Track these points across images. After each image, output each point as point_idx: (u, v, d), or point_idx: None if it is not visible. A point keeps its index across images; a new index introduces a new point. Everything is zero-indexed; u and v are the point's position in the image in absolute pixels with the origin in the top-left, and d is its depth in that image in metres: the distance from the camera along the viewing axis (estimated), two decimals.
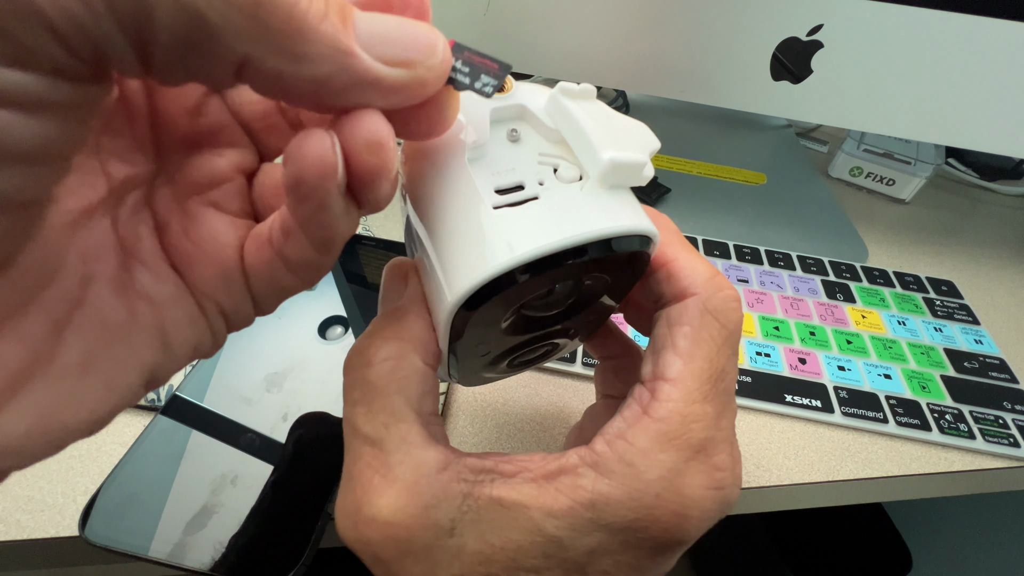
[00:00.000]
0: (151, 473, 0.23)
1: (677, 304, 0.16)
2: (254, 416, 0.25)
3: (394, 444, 0.14)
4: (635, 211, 0.14)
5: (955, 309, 0.37)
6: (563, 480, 0.14)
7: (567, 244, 0.12)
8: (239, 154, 0.15)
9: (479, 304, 0.13)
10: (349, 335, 0.29)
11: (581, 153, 0.14)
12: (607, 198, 0.13)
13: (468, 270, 0.13)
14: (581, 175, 0.14)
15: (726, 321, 0.15)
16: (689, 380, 0.14)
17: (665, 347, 0.15)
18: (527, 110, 0.15)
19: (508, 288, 0.13)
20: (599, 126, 0.14)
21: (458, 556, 0.14)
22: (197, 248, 0.14)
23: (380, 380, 0.15)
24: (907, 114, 0.35)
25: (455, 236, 0.13)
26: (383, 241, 0.36)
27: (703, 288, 0.15)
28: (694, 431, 0.14)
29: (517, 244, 0.12)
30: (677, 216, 0.43)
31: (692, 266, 0.16)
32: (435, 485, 0.14)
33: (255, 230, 0.14)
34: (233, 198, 0.15)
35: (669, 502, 0.14)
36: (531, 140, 0.14)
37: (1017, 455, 0.28)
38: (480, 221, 0.13)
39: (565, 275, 0.13)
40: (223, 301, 0.14)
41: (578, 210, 0.13)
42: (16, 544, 0.22)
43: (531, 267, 0.12)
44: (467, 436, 0.27)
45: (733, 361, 0.15)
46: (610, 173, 0.13)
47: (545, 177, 0.14)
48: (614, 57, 0.37)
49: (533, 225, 0.13)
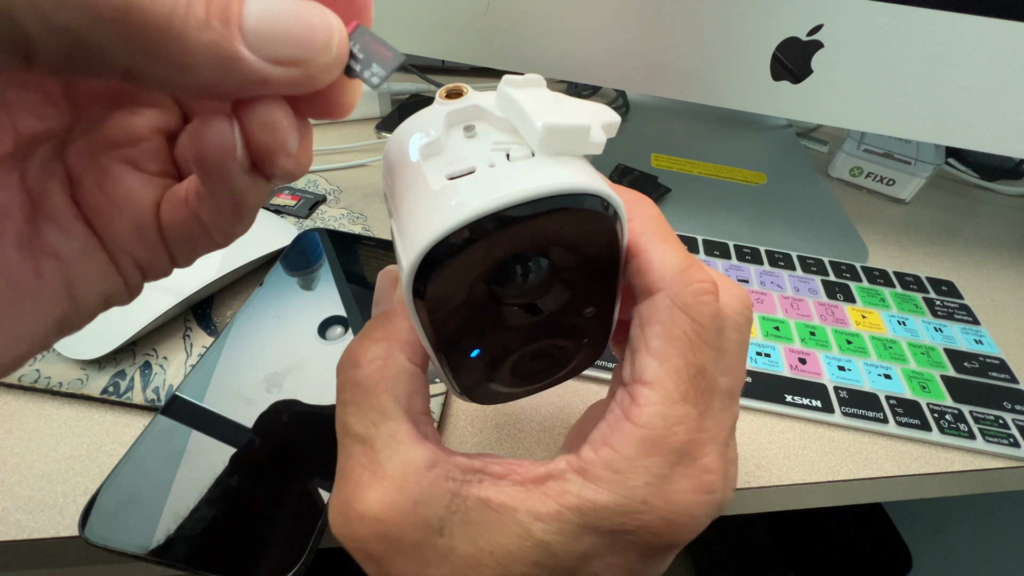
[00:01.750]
0: (151, 473, 0.23)
1: (647, 300, 0.15)
2: (254, 416, 0.25)
3: (383, 442, 0.15)
4: (581, 173, 0.13)
5: (955, 309, 0.37)
6: (551, 485, 0.14)
7: (500, 203, 0.12)
8: (159, 115, 0.15)
9: (427, 279, 0.13)
10: (349, 335, 0.29)
11: (525, 132, 0.14)
12: (551, 163, 0.13)
13: (412, 246, 0.13)
14: (533, 153, 0.14)
15: (697, 315, 0.14)
16: (667, 381, 0.14)
17: (639, 348, 0.15)
18: (482, 108, 0.15)
19: (450, 257, 0.13)
20: (542, 104, 0.14)
21: (448, 558, 0.14)
22: (111, 203, 0.14)
23: (369, 380, 0.15)
24: (907, 114, 0.35)
25: (407, 223, 0.14)
26: (383, 241, 0.36)
27: (672, 282, 0.14)
28: (677, 434, 0.14)
29: (450, 211, 0.12)
30: (677, 216, 0.43)
31: (662, 259, 0.15)
32: (423, 482, 0.14)
33: (172, 189, 0.15)
34: (151, 158, 0.15)
35: (656, 508, 0.14)
36: (486, 133, 0.15)
37: (1017, 455, 0.28)
38: (424, 201, 0.13)
39: (511, 239, 0.13)
40: (138, 255, 0.15)
41: (517, 174, 0.13)
42: (16, 544, 0.22)
43: (471, 228, 0.12)
44: (467, 437, 0.27)
45: (713, 357, 0.15)
46: (548, 139, 0.13)
47: (497, 160, 0.14)
48: (614, 57, 0.37)
49: (469, 192, 0.13)
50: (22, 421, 0.25)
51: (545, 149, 0.13)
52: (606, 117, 0.15)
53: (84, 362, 0.27)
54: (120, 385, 0.26)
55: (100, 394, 0.26)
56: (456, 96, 0.15)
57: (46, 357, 0.27)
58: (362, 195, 0.42)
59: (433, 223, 0.13)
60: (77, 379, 0.26)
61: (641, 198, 0.16)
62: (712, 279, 0.15)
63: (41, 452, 0.24)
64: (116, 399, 0.26)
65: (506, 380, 0.18)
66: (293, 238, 0.35)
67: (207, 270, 0.30)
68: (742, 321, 0.16)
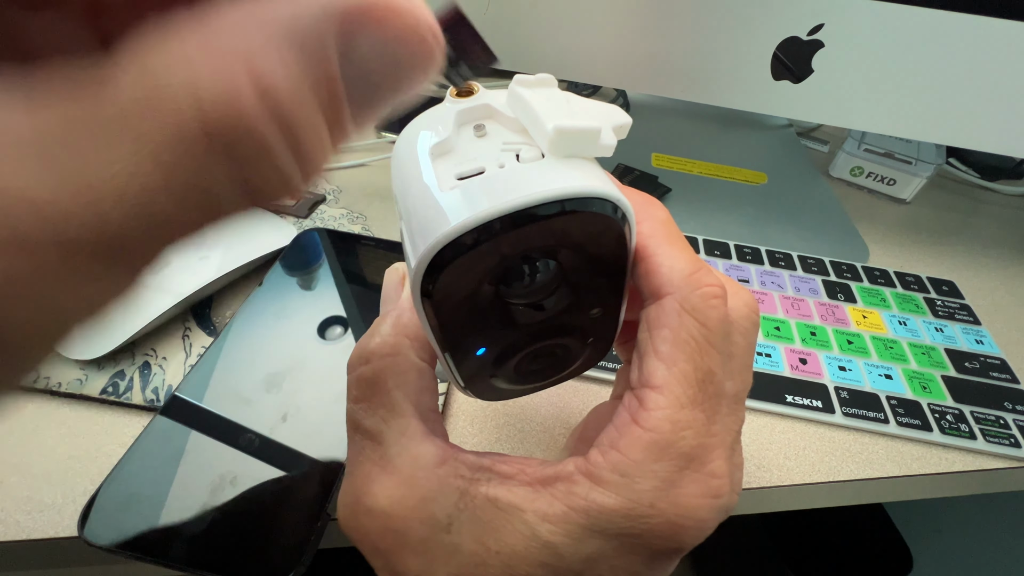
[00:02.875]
0: (150, 474, 0.23)
1: (654, 304, 0.15)
2: (253, 416, 0.25)
3: (393, 437, 0.15)
4: (590, 176, 0.13)
5: (956, 309, 0.37)
6: (558, 487, 0.14)
7: (509, 206, 0.12)
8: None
9: (435, 280, 0.13)
10: (349, 335, 0.29)
11: (535, 133, 0.14)
12: (561, 166, 0.13)
13: (420, 247, 0.13)
14: (543, 154, 0.14)
15: (705, 320, 0.14)
16: (675, 386, 0.14)
17: (647, 352, 0.15)
18: (492, 108, 0.15)
19: (458, 258, 0.13)
20: (552, 105, 0.14)
21: (454, 555, 0.14)
22: None
23: (378, 377, 0.15)
24: (908, 114, 0.35)
25: (416, 223, 0.14)
26: (383, 241, 0.36)
27: (680, 286, 0.14)
28: (685, 439, 0.14)
29: (459, 213, 0.12)
30: (677, 216, 0.43)
31: (670, 263, 0.15)
32: (432, 479, 0.14)
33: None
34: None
35: (664, 512, 0.14)
36: (497, 133, 0.15)
37: (1018, 455, 0.28)
38: (433, 202, 0.13)
39: (519, 242, 0.13)
40: None
41: (527, 176, 0.13)
42: (15, 544, 0.22)
43: (479, 231, 0.12)
44: (467, 437, 0.27)
45: (720, 361, 0.15)
46: (558, 142, 0.13)
47: (507, 161, 0.14)
48: (614, 57, 0.37)
49: (478, 194, 0.13)
50: (22, 421, 0.25)
51: (555, 151, 0.13)
52: (617, 119, 0.14)
53: (83, 362, 0.27)
54: (119, 385, 0.26)
55: (99, 394, 0.26)
56: (467, 95, 0.15)
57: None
58: (362, 195, 0.42)
59: (442, 224, 0.13)
60: (76, 379, 0.26)
61: (650, 200, 0.16)
62: (721, 283, 0.15)
63: (41, 452, 0.24)
64: (115, 399, 0.26)
65: (511, 378, 0.18)
66: (292, 238, 0.35)
67: (206, 270, 0.30)
68: (749, 326, 0.16)
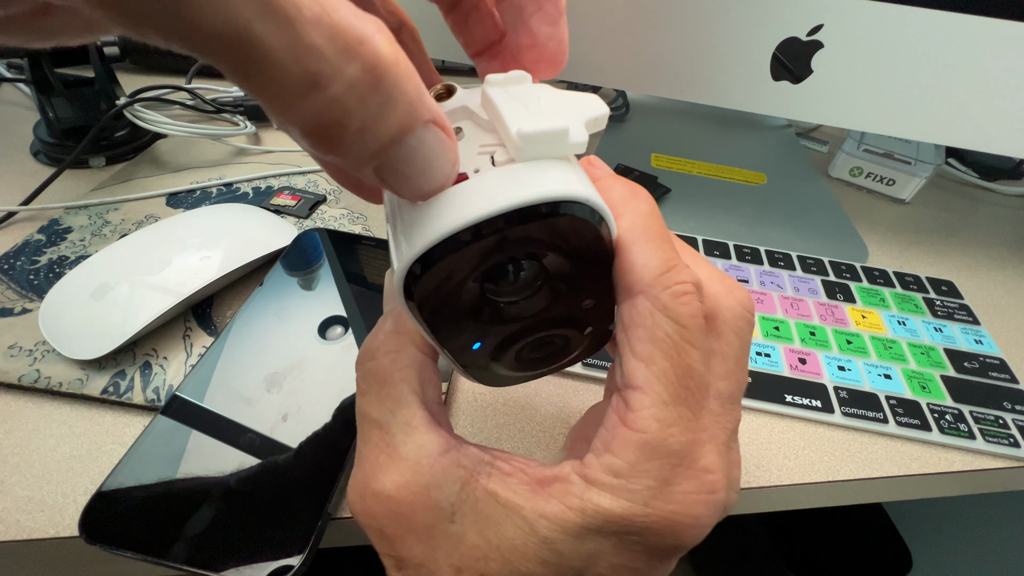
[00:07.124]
0: (151, 473, 0.23)
1: (628, 303, 0.15)
2: (254, 416, 0.25)
3: (399, 427, 0.16)
4: (559, 179, 0.13)
5: (955, 309, 0.37)
6: (556, 487, 0.14)
7: (476, 217, 0.12)
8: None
9: (416, 287, 0.13)
10: (349, 335, 0.29)
11: (504, 138, 0.14)
12: (531, 169, 0.13)
13: (399, 257, 0.13)
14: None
15: (678, 317, 0.14)
16: (655, 384, 0.14)
17: (626, 352, 0.14)
18: (469, 110, 0.15)
19: (434, 266, 0.13)
20: (520, 105, 0.13)
21: (457, 546, 0.14)
22: None
23: (384, 371, 0.16)
24: (907, 114, 0.35)
25: (396, 231, 0.14)
26: (383, 241, 0.36)
27: (651, 284, 0.14)
28: (673, 436, 0.14)
29: (431, 225, 0.13)
30: (677, 216, 0.43)
31: (643, 260, 0.14)
32: (436, 466, 0.15)
33: None
34: None
35: (660, 510, 0.14)
36: (474, 135, 0.14)
37: (1017, 455, 0.28)
38: (410, 211, 0.13)
39: (492, 249, 0.13)
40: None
41: (497, 182, 0.13)
42: (16, 544, 0.22)
43: (447, 243, 0.13)
44: (467, 436, 0.27)
45: (700, 357, 0.14)
46: (523, 147, 0.13)
47: (481, 165, 0.14)
48: (614, 57, 0.37)
49: (449, 204, 0.13)
50: (22, 421, 0.25)
51: (522, 156, 0.13)
52: (592, 111, 0.14)
53: (84, 362, 0.27)
54: (120, 385, 0.26)
55: (100, 394, 0.26)
56: (447, 96, 0.15)
57: (46, 357, 0.27)
58: None
59: (415, 236, 0.13)
60: (77, 379, 0.26)
61: (635, 192, 0.16)
62: (694, 279, 0.15)
63: (41, 452, 0.24)
64: (116, 399, 0.26)
65: (512, 366, 0.18)
66: (293, 238, 0.35)
67: (207, 270, 0.30)
68: (742, 324, 0.16)
